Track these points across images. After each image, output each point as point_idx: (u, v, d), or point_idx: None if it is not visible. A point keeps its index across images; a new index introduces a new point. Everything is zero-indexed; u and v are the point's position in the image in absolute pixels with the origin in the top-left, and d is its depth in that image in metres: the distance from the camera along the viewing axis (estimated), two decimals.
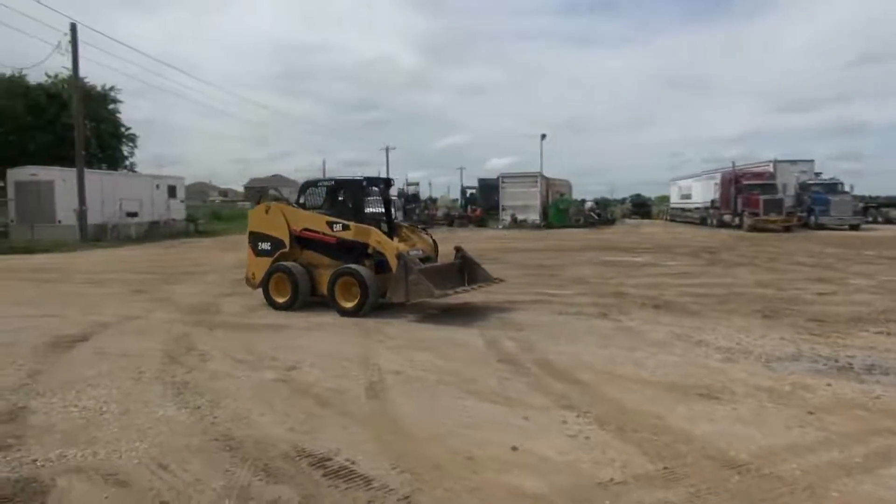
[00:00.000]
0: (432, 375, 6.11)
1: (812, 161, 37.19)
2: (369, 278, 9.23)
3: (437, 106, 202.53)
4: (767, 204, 30.53)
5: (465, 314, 9.35)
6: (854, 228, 30.96)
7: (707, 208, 38.94)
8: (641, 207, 62.44)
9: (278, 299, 9.89)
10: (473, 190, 52.87)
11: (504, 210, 40.17)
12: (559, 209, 40.01)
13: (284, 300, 9.82)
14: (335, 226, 9.73)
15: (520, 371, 6.23)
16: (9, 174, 28.28)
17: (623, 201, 72.45)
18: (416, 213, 41.43)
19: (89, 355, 7.06)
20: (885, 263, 15.72)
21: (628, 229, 38.04)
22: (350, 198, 10.22)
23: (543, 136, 48.41)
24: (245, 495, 3.63)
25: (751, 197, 31.76)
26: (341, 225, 9.68)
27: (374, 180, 10.89)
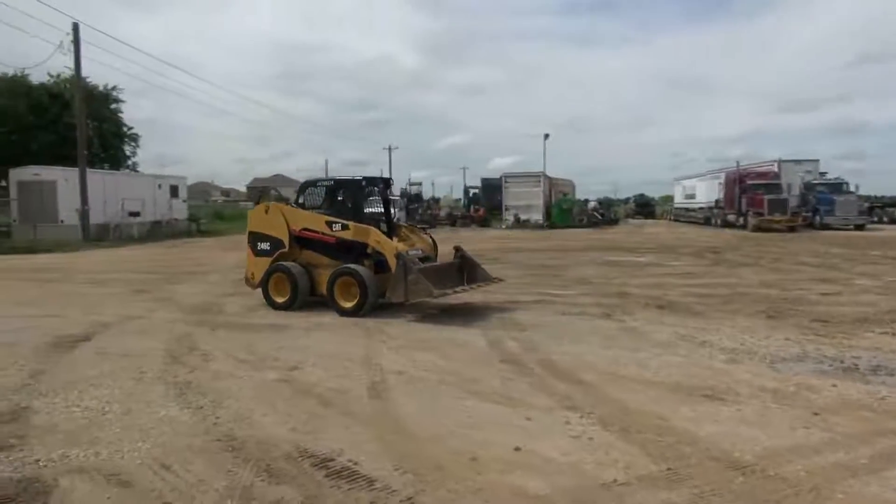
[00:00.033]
0: (435, 376, 6.10)
1: (817, 161, 37.05)
2: (368, 278, 9.22)
3: (439, 105, 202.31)
4: (772, 204, 30.46)
5: (468, 314, 9.34)
6: (859, 228, 30.86)
7: (711, 208, 38.82)
8: (645, 207, 62.27)
9: (277, 299, 9.90)
10: (476, 190, 52.57)
11: (507, 210, 40.08)
12: (562, 209, 39.94)
13: (284, 300, 9.83)
14: (334, 226, 9.73)
15: (523, 371, 6.21)
16: (11, 174, 28.35)
17: (626, 201, 72.33)
18: (419, 213, 41.24)
19: (91, 355, 7.07)
20: (891, 264, 15.67)
21: (632, 229, 38.00)
22: (349, 198, 10.22)
23: (546, 136, 48.74)
24: (247, 496, 3.62)
25: (755, 197, 31.68)
26: (340, 225, 9.69)
27: (373, 180, 10.90)
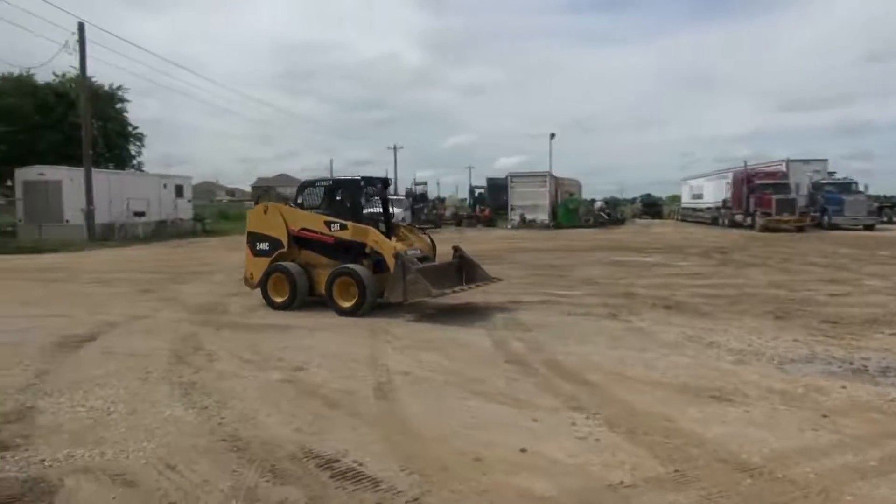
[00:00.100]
0: (440, 376, 6.08)
1: (825, 160, 36.87)
2: (367, 278, 9.23)
3: (445, 105, 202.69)
4: (780, 204, 30.28)
5: (473, 315, 9.31)
6: (868, 228, 30.63)
7: (718, 208, 38.65)
8: (652, 207, 62.09)
9: (276, 299, 9.92)
10: (482, 189, 52.46)
11: (513, 210, 39.96)
12: (568, 209, 39.80)
13: (283, 300, 9.85)
14: (333, 226, 9.74)
15: (528, 372, 6.19)
16: (17, 174, 28.39)
17: (633, 201, 72.15)
18: (425, 213, 41.05)
19: (97, 355, 7.07)
20: None
21: (638, 229, 37.89)
22: (348, 198, 10.23)
23: (552, 136, 48.46)
24: (252, 496, 3.62)
25: (763, 196, 31.50)
26: (339, 225, 9.70)
27: (372, 180, 10.91)
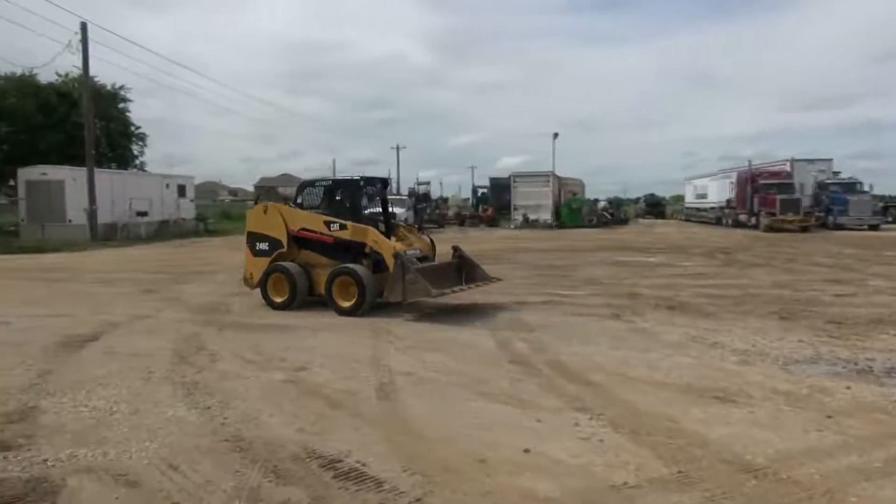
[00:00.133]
0: (443, 377, 6.07)
1: (830, 160, 36.75)
2: (367, 278, 9.24)
3: (449, 104, 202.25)
4: (784, 203, 30.22)
5: (476, 315, 9.30)
6: (873, 229, 30.56)
7: (723, 208, 38.52)
8: (655, 207, 62.01)
9: (276, 299, 9.93)
10: (485, 189, 52.43)
11: (516, 210, 39.93)
12: (572, 209, 39.78)
13: (282, 300, 9.87)
14: (332, 225, 9.76)
15: (532, 372, 6.17)
16: (19, 173, 28.43)
17: (637, 201, 72.03)
18: (428, 213, 40.99)
19: (99, 355, 7.07)
20: None
21: (642, 229, 37.85)
22: (347, 198, 10.24)
23: (556, 135, 48.40)
24: (255, 496, 3.61)
25: (767, 196, 31.43)
26: (338, 225, 9.71)
27: (372, 180, 10.93)
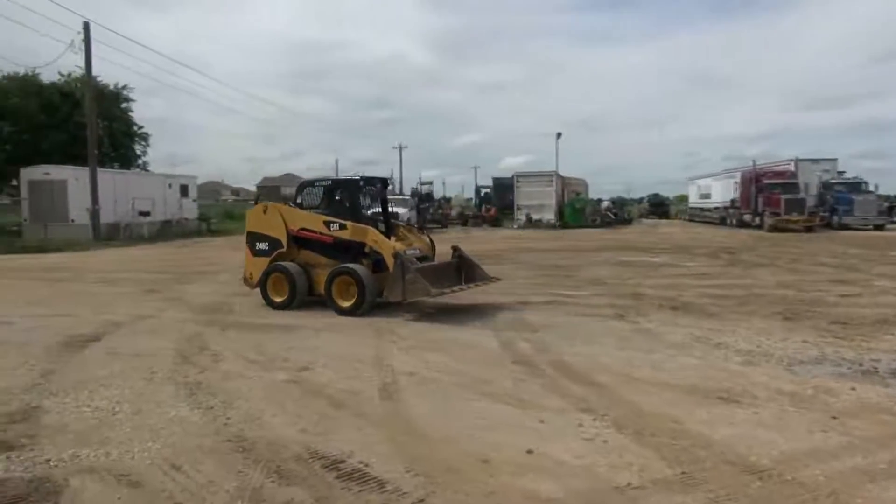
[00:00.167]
0: (446, 377, 6.06)
1: (835, 160, 36.61)
2: (366, 277, 9.24)
3: (451, 104, 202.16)
4: (789, 203, 30.08)
5: (479, 315, 9.28)
6: (879, 229, 30.38)
7: (727, 208, 38.32)
8: (659, 207, 61.82)
9: (276, 299, 9.95)
10: (488, 189, 52.15)
11: (519, 210, 39.82)
12: (575, 209, 39.66)
13: (282, 300, 9.89)
14: (332, 225, 9.76)
15: (535, 373, 6.16)
16: (22, 173, 28.45)
17: (640, 201, 71.90)
18: (430, 213, 40.85)
19: (102, 355, 7.07)
20: None
21: (645, 229, 37.75)
22: (347, 197, 10.25)
23: (559, 135, 48.49)
24: (258, 497, 3.61)
25: (772, 196, 31.29)
26: (338, 224, 9.72)
27: (371, 180, 10.94)
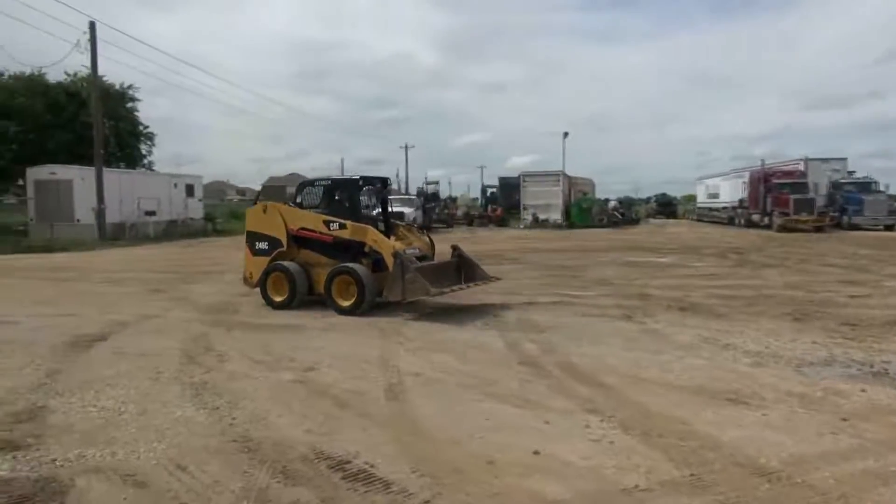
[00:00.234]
0: (452, 377, 6.04)
1: (845, 159, 36.38)
2: (366, 277, 9.26)
3: (457, 103, 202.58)
4: (798, 203, 29.88)
5: (485, 316, 9.25)
6: (889, 229, 30.08)
7: (735, 208, 38.05)
8: (667, 207, 61.53)
9: (276, 298, 9.97)
10: (494, 189, 52.10)
11: (525, 209, 39.75)
12: (582, 208, 39.53)
13: (282, 299, 9.92)
14: (332, 225, 9.78)
15: (541, 374, 6.13)
16: (28, 173, 28.46)
17: (648, 200, 71.66)
18: (436, 213, 40.76)
19: (108, 355, 7.09)
20: None
21: (653, 229, 37.60)
22: (346, 197, 10.25)
23: (566, 134, 48.08)
24: (264, 497, 3.61)
25: (781, 196, 31.08)
26: (338, 224, 9.73)
27: (371, 180, 10.93)
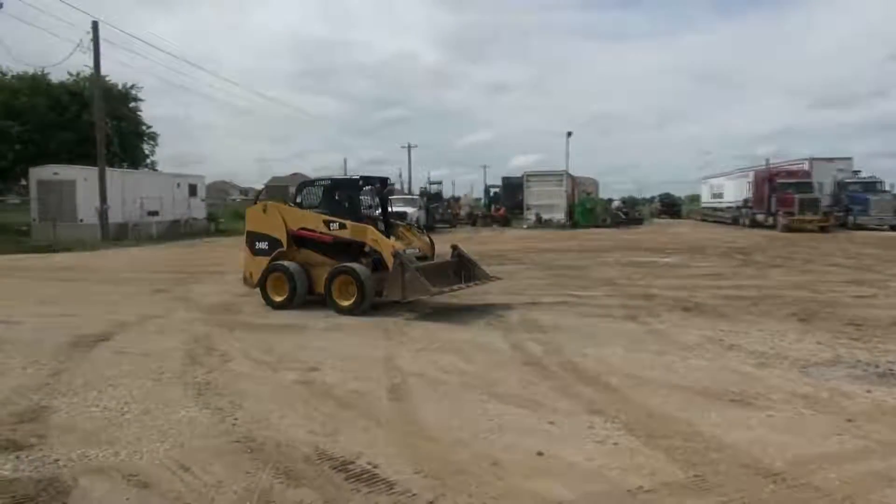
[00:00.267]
0: (455, 378, 6.03)
1: (850, 158, 36.31)
2: (366, 276, 9.26)
3: (460, 103, 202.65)
4: (803, 203, 29.78)
5: (489, 316, 9.23)
6: (894, 229, 30.04)
7: (739, 207, 37.92)
8: (671, 207, 61.49)
9: (276, 298, 9.97)
10: (497, 189, 52.07)
11: (529, 209, 39.72)
12: (585, 208, 39.46)
13: (282, 299, 9.92)
14: (332, 225, 9.78)
15: (545, 374, 6.11)
16: (31, 173, 28.48)
17: (652, 200, 71.62)
18: (439, 213, 40.72)
19: (110, 355, 7.09)
20: None
21: (657, 229, 37.51)
22: (346, 197, 10.26)
23: (569, 134, 48.18)
24: (266, 498, 3.60)
25: (786, 196, 30.97)
26: (338, 224, 9.73)
27: (371, 179, 10.94)
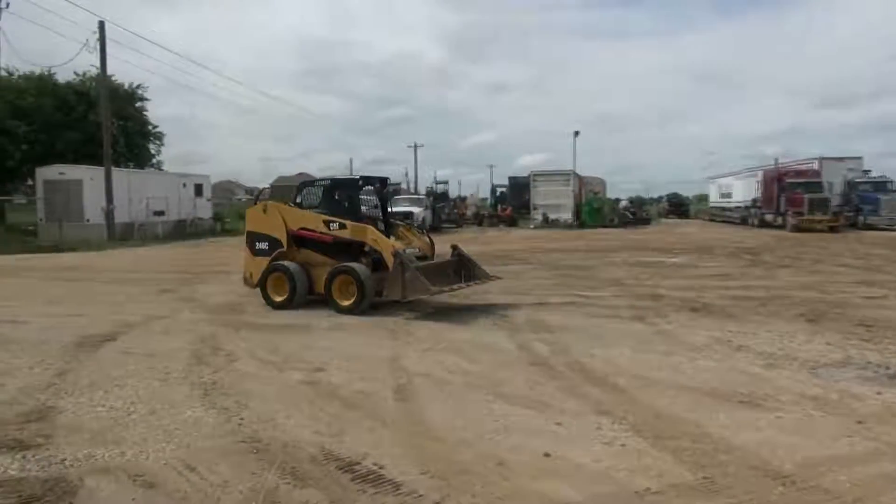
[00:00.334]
0: (461, 378, 6.01)
1: (860, 158, 36.05)
2: (366, 276, 9.28)
3: (466, 102, 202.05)
4: (812, 203, 29.59)
5: (495, 316, 9.21)
6: None
7: (748, 207, 37.67)
8: (679, 206, 61.24)
9: (276, 298, 10.00)
10: (504, 188, 51.96)
11: (535, 209, 39.61)
12: (593, 208, 39.32)
13: (282, 299, 9.94)
14: (332, 225, 9.80)
15: (552, 375, 6.09)
16: (37, 173, 28.58)
17: (659, 200, 71.41)
18: (446, 213, 40.63)
19: (116, 355, 7.11)
20: None
21: (665, 229, 37.40)
22: (346, 197, 10.28)
23: (576, 133, 48.09)
24: (272, 498, 3.60)
25: (795, 196, 30.75)
26: (338, 224, 9.75)
27: (371, 179, 10.96)
